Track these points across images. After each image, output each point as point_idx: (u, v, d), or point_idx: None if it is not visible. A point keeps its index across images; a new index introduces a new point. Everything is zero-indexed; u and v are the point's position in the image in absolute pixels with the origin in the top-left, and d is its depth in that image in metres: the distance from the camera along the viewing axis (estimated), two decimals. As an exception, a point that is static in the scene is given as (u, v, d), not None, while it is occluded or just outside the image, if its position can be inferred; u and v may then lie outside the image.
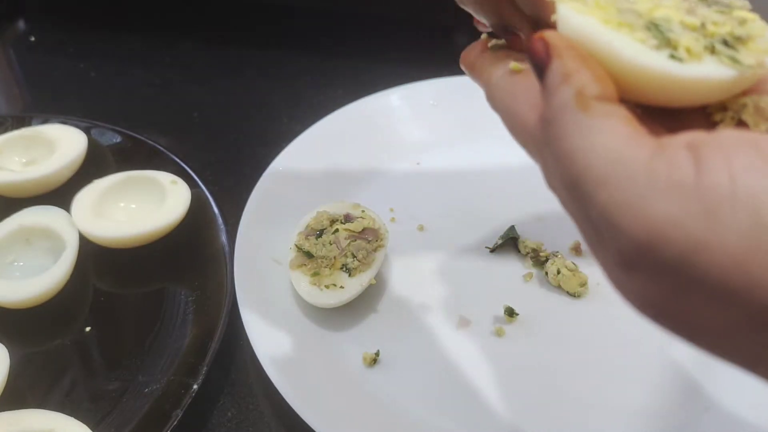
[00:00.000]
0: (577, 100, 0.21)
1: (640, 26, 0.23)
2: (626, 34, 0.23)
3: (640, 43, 0.22)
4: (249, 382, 0.44)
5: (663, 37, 0.23)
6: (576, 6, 0.24)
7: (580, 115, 0.21)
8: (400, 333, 0.45)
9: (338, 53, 0.73)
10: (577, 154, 0.20)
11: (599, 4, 0.24)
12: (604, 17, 0.24)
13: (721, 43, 0.23)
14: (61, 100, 0.69)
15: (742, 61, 0.22)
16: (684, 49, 0.22)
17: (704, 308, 0.19)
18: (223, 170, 0.59)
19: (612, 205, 0.19)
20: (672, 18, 0.23)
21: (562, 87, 0.22)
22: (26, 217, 0.49)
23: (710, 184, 0.18)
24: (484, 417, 0.41)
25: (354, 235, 0.46)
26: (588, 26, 0.23)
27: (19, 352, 0.44)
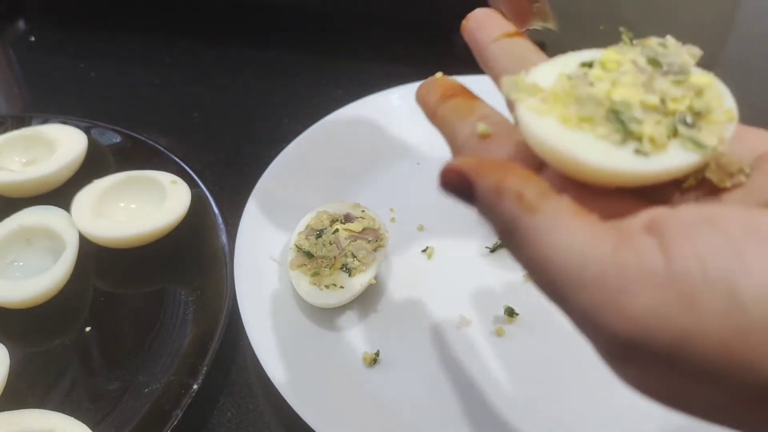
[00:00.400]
0: (522, 205, 0.21)
1: (600, 117, 0.23)
2: (588, 131, 0.23)
3: (602, 140, 0.22)
4: (249, 382, 0.44)
5: (625, 129, 0.22)
6: (535, 106, 0.24)
7: (531, 218, 0.20)
8: (400, 333, 0.45)
9: (338, 53, 0.73)
10: (546, 261, 0.20)
11: (557, 98, 0.24)
12: (564, 114, 0.23)
13: (683, 123, 0.23)
14: (61, 100, 0.69)
15: (705, 144, 0.22)
16: (648, 140, 0.22)
17: (699, 389, 0.19)
18: (223, 170, 0.59)
19: (591, 306, 0.19)
20: (631, 101, 0.23)
21: (501, 201, 0.21)
22: (26, 217, 0.49)
23: (681, 271, 0.18)
24: (485, 417, 0.41)
25: (354, 235, 0.46)
26: (549, 131, 0.23)
27: (19, 352, 0.44)
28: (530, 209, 0.21)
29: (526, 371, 0.43)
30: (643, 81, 0.24)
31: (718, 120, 0.23)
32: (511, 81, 0.25)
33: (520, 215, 0.21)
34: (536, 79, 0.25)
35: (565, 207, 0.21)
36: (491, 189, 0.22)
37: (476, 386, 0.42)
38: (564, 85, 0.24)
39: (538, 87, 0.24)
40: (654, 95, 0.23)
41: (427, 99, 0.31)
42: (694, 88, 0.24)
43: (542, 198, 0.21)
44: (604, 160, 0.22)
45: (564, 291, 0.20)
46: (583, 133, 0.23)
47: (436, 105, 0.30)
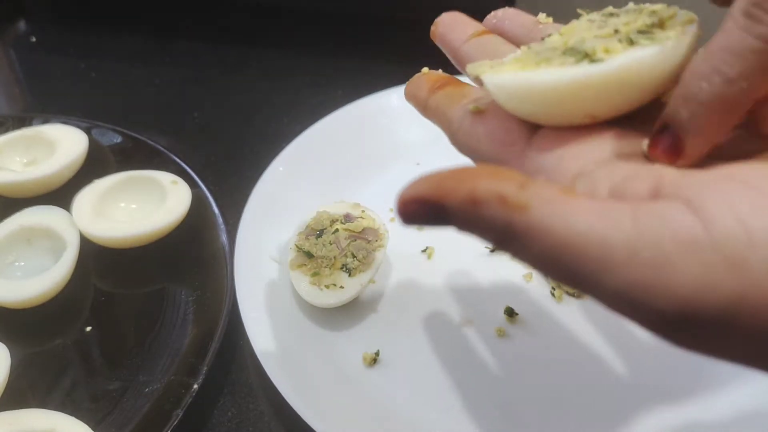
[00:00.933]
0: (509, 207, 0.19)
1: (557, 55, 0.23)
2: (544, 67, 0.23)
3: (558, 67, 0.23)
4: (249, 382, 0.44)
5: (580, 52, 0.23)
6: (496, 69, 0.25)
7: (526, 216, 0.19)
8: (400, 333, 0.45)
9: (338, 53, 0.73)
10: (561, 253, 0.19)
11: (517, 60, 0.25)
12: (522, 66, 0.24)
13: (637, 33, 0.23)
14: (62, 100, 0.69)
15: (662, 37, 0.22)
16: (602, 50, 0.22)
17: (756, 346, 0.18)
18: (223, 170, 0.59)
19: (628, 287, 0.18)
20: (585, 37, 0.24)
21: (483, 210, 0.19)
22: (27, 217, 0.50)
23: (723, 236, 0.17)
24: (485, 417, 0.41)
25: (354, 235, 0.46)
26: (509, 78, 0.24)
27: (19, 352, 0.44)
28: (520, 208, 0.19)
29: (526, 371, 0.43)
30: (597, 26, 0.25)
31: (676, 23, 0.23)
32: (474, 65, 0.26)
33: (511, 217, 0.19)
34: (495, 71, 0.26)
35: (553, 191, 0.19)
36: (466, 202, 0.20)
37: (476, 386, 0.42)
38: (524, 52, 0.26)
39: (499, 62, 0.25)
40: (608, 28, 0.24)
41: (417, 94, 0.31)
42: (648, 12, 0.24)
43: (525, 190, 0.19)
44: (560, 76, 0.22)
45: (591, 277, 0.18)
46: (540, 69, 0.23)
47: (426, 98, 0.30)
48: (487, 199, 0.19)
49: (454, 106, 0.28)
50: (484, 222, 0.20)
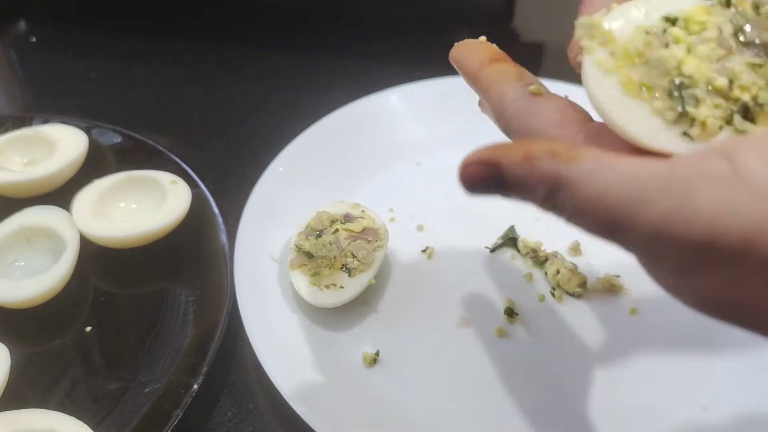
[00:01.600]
0: (560, 158, 0.21)
1: (662, 88, 0.23)
2: (645, 101, 0.23)
3: (656, 115, 0.23)
4: (249, 382, 0.44)
5: (682, 107, 0.23)
6: (602, 61, 0.24)
7: (575, 166, 0.21)
8: (400, 333, 0.45)
9: (338, 53, 0.73)
10: (601, 196, 0.21)
11: (627, 55, 0.24)
12: (627, 77, 0.23)
13: (741, 113, 0.23)
14: (62, 100, 0.69)
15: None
16: (699, 124, 0.22)
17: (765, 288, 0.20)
18: (223, 170, 0.59)
19: (660, 217, 0.20)
20: (699, 76, 0.23)
21: (536, 164, 0.22)
22: (27, 217, 0.50)
23: (749, 173, 0.19)
24: (485, 417, 0.41)
25: (354, 235, 0.46)
26: (608, 94, 0.23)
27: (19, 352, 0.44)
28: (570, 159, 0.21)
29: (526, 371, 0.43)
30: (719, 56, 0.23)
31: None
32: (586, 23, 0.25)
33: (560, 168, 0.21)
34: (614, 24, 0.25)
35: (600, 151, 0.21)
36: (521, 159, 0.22)
37: (476, 386, 0.42)
38: (637, 43, 0.24)
39: (611, 36, 0.24)
40: (724, 77, 0.23)
41: (469, 61, 0.30)
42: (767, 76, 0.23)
43: (575, 148, 0.21)
44: (651, 138, 0.23)
45: (626, 216, 0.20)
46: (640, 102, 0.23)
47: (479, 67, 0.29)
48: (540, 154, 0.22)
49: (511, 83, 0.28)
50: (536, 178, 0.22)
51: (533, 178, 0.22)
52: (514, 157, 0.22)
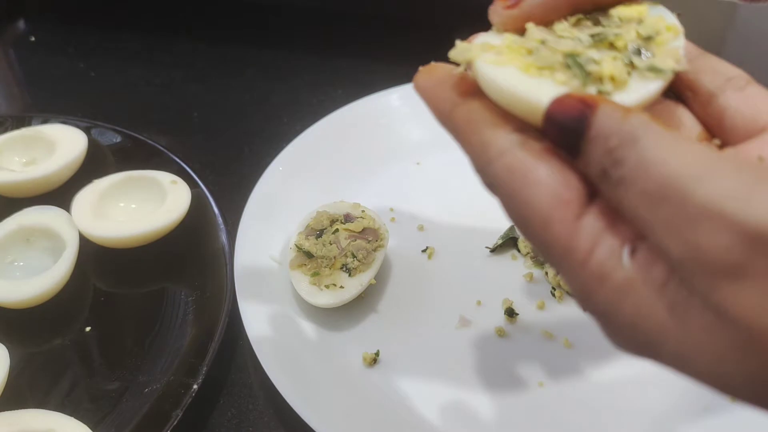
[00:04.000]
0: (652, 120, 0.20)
1: (559, 65, 0.23)
2: (548, 77, 0.23)
3: (564, 85, 0.22)
4: (249, 382, 0.44)
5: (584, 73, 0.23)
6: (493, 59, 0.24)
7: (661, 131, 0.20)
8: (400, 333, 0.45)
9: (338, 53, 0.73)
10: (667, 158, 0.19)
11: (512, 49, 0.24)
12: (523, 64, 0.23)
13: (636, 54, 0.23)
14: (61, 100, 0.69)
15: (663, 68, 0.23)
16: (609, 79, 0.22)
17: None
18: (223, 170, 0.59)
19: (719, 196, 0.18)
20: (578, 49, 0.23)
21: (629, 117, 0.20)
22: (26, 217, 0.49)
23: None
24: (485, 417, 0.41)
25: (354, 235, 0.46)
26: (511, 80, 0.23)
27: (19, 352, 0.44)
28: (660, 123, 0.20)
29: (525, 371, 0.43)
30: (581, 30, 0.24)
31: (665, 40, 0.23)
32: (460, 47, 0.25)
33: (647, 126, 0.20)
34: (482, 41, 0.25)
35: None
36: (620, 110, 0.20)
37: (476, 386, 0.42)
38: (514, 39, 0.24)
39: (489, 44, 0.25)
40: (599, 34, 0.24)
41: (439, 94, 0.25)
42: (632, 18, 0.24)
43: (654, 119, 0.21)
44: None
45: (686, 185, 0.18)
46: (544, 79, 0.23)
47: (453, 104, 0.25)
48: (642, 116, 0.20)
49: (495, 128, 0.23)
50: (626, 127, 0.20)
51: (622, 128, 0.20)
52: (612, 106, 0.21)
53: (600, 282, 0.21)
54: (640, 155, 0.20)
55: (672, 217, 0.19)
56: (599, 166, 0.21)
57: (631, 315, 0.20)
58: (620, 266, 0.20)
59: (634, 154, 0.20)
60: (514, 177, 0.22)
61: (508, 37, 0.25)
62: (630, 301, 0.20)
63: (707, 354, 0.19)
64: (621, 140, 0.20)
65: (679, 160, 0.19)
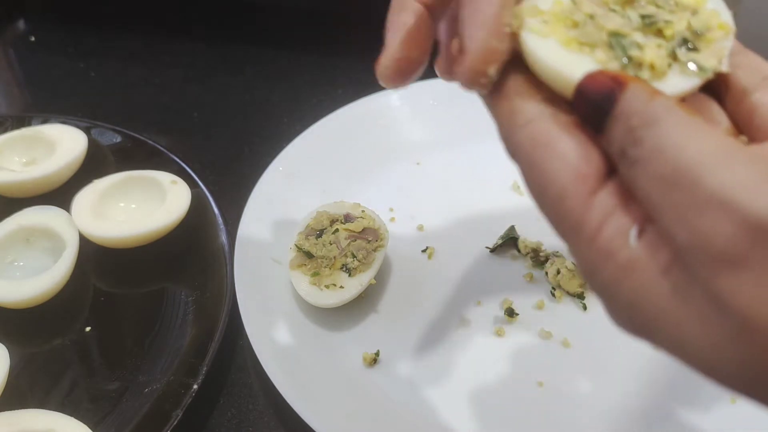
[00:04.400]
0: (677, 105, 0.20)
1: (602, 42, 0.23)
2: (588, 54, 0.23)
3: (602, 66, 0.22)
4: (249, 382, 0.44)
5: (625, 55, 0.22)
6: (537, 28, 0.24)
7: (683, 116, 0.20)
8: (400, 333, 0.45)
9: (338, 53, 0.73)
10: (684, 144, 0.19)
11: (558, 18, 0.24)
12: (565, 37, 0.23)
13: (682, 45, 0.23)
14: (61, 100, 0.69)
15: (706, 66, 0.23)
16: (648, 67, 0.22)
17: None
18: (223, 170, 0.59)
19: (732, 184, 0.18)
20: (623, 28, 0.23)
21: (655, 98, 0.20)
22: (26, 217, 0.49)
23: None
24: (485, 417, 0.41)
25: (354, 235, 0.46)
26: (551, 53, 0.23)
27: (19, 352, 0.44)
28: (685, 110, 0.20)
29: (526, 371, 0.43)
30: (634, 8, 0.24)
31: (714, 37, 0.23)
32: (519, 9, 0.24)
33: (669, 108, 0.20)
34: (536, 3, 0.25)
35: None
36: (648, 91, 0.21)
37: (476, 386, 0.42)
38: (563, 7, 0.24)
39: (538, 8, 0.24)
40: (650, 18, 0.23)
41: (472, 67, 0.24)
42: (689, 7, 0.24)
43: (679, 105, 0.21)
44: None
45: (699, 172, 0.18)
46: (584, 55, 0.23)
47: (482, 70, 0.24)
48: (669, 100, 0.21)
49: (527, 99, 0.23)
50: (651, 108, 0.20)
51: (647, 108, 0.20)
52: (642, 87, 0.21)
53: (605, 259, 0.21)
54: (658, 138, 0.20)
55: (681, 203, 0.19)
56: (620, 144, 0.21)
57: (631, 294, 0.20)
58: (627, 246, 0.20)
59: (652, 136, 0.20)
60: (536, 147, 0.22)
61: (558, 3, 0.24)
62: (632, 280, 0.20)
63: (702, 340, 0.19)
64: (642, 120, 0.20)
65: (696, 147, 0.19)
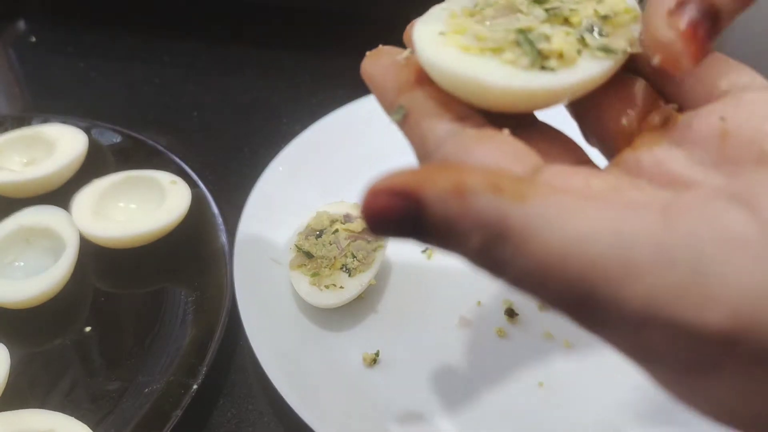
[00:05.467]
0: (505, 195, 0.16)
1: (507, 42, 0.22)
2: (493, 57, 0.22)
3: (511, 65, 0.21)
4: (249, 382, 0.44)
5: (534, 50, 0.21)
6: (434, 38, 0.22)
7: (526, 208, 0.15)
8: (400, 333, 0.45)
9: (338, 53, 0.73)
10: (567, 257, 0.15)
11: (457, 27, 0.23)
12: (465, 44, 0.22)
13: (590, 32, 0.22)
14: (61, 100, 0.69)
15: (616, 49, 0.22)
16: (556, 56, 0.21)
17: None
18: (223, 170, 0.59)
19: (659, 298, 0.14)
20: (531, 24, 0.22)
21: (471, 202, 0.16)
22: (26, 217, 0.49)
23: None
24: (485, 418, 0.41)
25: (354, 235, 0.46)
26: (450, 59, 0.21)
27: (19, 352, 0.44)
28: (518, 197, 0.16)
29: (526, 371, 0.43)
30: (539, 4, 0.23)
31: (623, 21, 0.23)
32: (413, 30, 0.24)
33: (506, 210, 0.16)
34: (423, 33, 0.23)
35: (559, 189, 0.16)
36: (450, 193, 0.16)
37: (476, 387, 0.42)
38: (461, 20, 0.23)
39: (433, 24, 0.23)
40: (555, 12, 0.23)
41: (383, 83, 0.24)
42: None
43: (526, 182, 0.16)
44: (511, 80, 0.21)
45: (606, 291, 0.15)
46: (485, 59, 0.22)
47: (396, 93, 0.24)
48: (478, 188, 0.16)
49: (434, 121, 0.21)
50: (471, 218, 0.16)
51: (466, 219, 0.16)
52: (441, 187, 0.16)
53: None
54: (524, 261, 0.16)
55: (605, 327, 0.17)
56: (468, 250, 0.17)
57: None
58: None
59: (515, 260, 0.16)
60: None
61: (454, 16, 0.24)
62: None
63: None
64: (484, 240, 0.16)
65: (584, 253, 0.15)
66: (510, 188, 0.16)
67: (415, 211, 0.16)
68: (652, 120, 0.22)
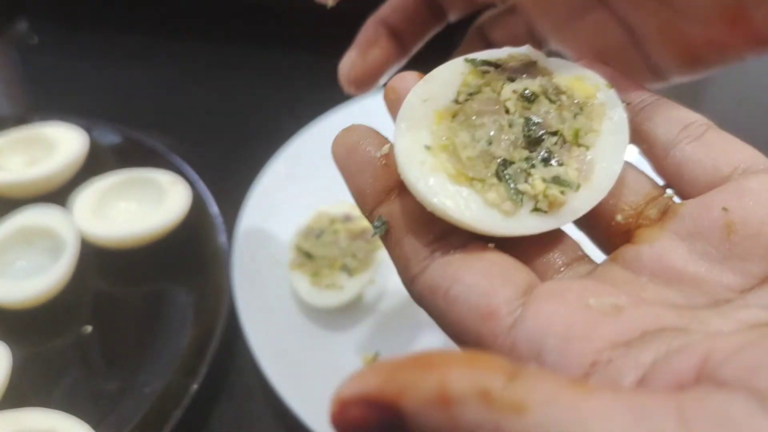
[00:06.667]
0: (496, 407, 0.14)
1: (489, 176, 0.21)
2: (478, 192, 0.21)
3: (494, 208, 0.20)
4: (249, 382, 0.44)
5: (516, 192, 0.21)
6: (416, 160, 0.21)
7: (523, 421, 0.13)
8: (400, 333, 0.45)
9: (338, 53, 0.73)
10: None
11: (443, 147, 0.21)
12: (453, 171, 0.21)
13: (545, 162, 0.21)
14: (62, 100, 0.69)
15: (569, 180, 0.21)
16: (543, 199, 0.21)
17: None
18: (223, 170, 0.59)
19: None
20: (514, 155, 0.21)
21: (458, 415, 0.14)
22: (26, 217, 0.50)
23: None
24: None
25: (354, 235, 0.46)
26: (435, 190, 0.20)
27: (20, 352, 0.44)
28: (512, 409, 0.13)
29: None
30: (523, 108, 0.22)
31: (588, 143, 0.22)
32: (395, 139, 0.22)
33: (502, 424, 0.13)
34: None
35: (556, 384, 0.14)
36: (433, 403, 0.14)
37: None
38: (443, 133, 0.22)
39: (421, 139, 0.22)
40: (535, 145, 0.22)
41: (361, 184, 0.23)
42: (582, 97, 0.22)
43: (516, 383, 0.14)
44: (499, 228, 0.20)
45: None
46: (472, 192, 0.21)
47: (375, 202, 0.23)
48: (464, 396, 0.14)
49: (419, 239, 0.20)
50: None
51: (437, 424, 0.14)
52: (422, 395, 0.14)
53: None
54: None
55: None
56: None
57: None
58: None
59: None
60: (437, 296, 0.20)
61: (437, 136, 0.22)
62: None
63: None
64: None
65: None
66: (502, 396, 0.14)
67: (394, 427, 0.14)
68: (650, 213, 0.21)
